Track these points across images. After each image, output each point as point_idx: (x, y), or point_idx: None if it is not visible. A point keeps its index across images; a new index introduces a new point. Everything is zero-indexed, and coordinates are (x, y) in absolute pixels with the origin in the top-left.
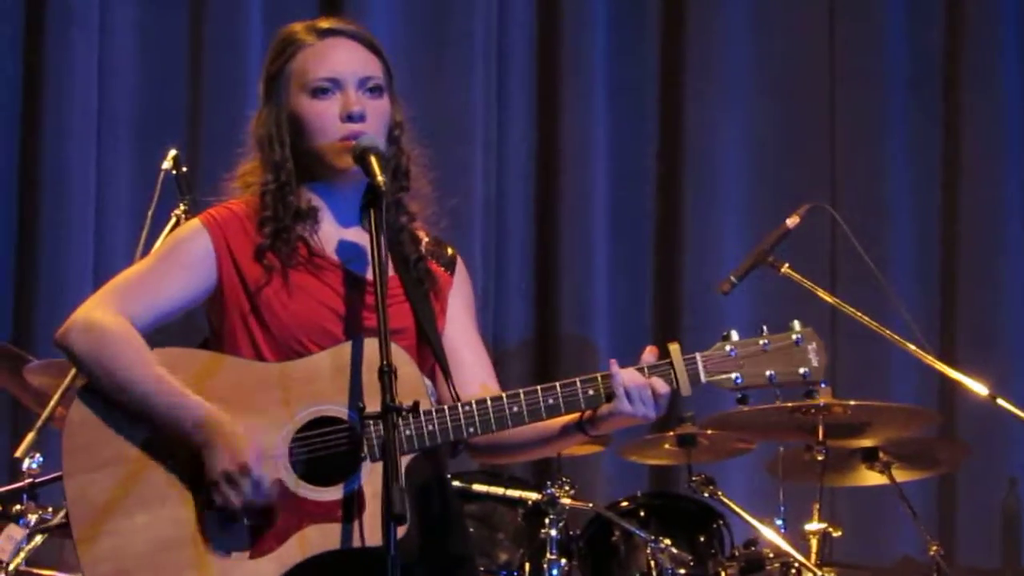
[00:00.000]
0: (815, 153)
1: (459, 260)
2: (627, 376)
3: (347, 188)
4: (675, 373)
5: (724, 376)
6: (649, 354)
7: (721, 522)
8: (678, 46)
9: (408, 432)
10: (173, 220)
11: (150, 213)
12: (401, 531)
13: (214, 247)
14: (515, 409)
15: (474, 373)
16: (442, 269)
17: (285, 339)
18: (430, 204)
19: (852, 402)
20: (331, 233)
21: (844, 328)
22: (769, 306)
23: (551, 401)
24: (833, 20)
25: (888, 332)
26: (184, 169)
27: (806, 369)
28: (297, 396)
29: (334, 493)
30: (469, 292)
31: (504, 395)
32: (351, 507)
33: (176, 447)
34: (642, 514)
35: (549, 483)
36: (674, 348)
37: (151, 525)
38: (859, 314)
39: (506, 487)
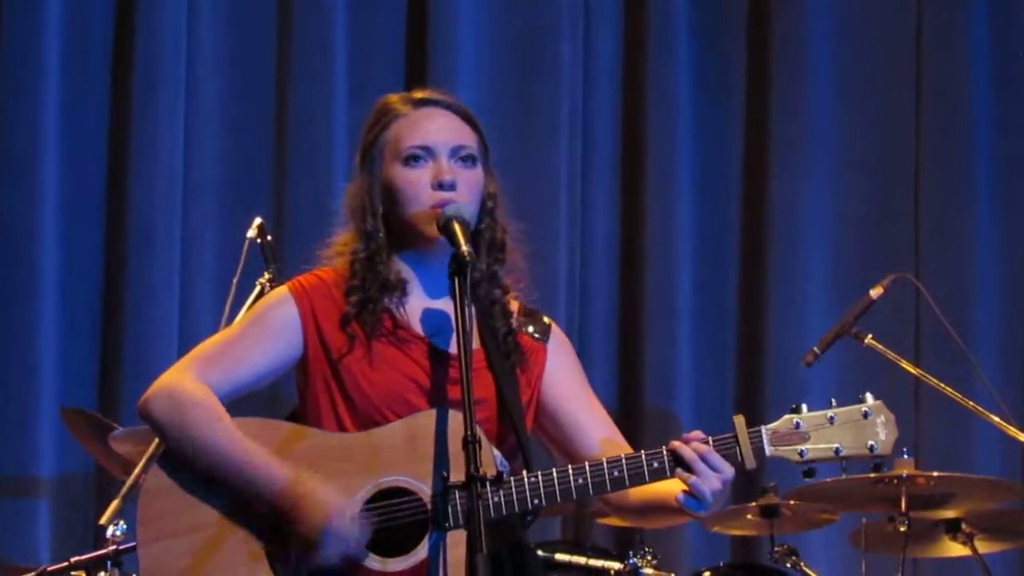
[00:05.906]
0: (900, 225)
1: (554, 327)
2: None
3: (437, 259)
4: (739, 446)
5: (790, 448)
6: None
7: None
8: (762, 118)
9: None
10: (258, 288)
11: (235, 281)
12: None
13: (300, 315)
14: (580, 481)
15: (599, 433)
16: (535, 340)
17: (366, 409)
18: (524, 278)
19: (935, 473)
20: (418, 306)
21: (928, 399)
22: (853, 378)
23: (616, 473)
24: (920, 93)
25: (972, 403)
26: (269, 238)
27: (874, 442)
28: (368, 466)
29: (398, 563)
30: (569, 354)
31: (570, 467)
32: None
33: (252, 515)
34: None
35: (632, 553)
36: (739, 420)
37: None
38: (943, 385)
39: (588, 557)
